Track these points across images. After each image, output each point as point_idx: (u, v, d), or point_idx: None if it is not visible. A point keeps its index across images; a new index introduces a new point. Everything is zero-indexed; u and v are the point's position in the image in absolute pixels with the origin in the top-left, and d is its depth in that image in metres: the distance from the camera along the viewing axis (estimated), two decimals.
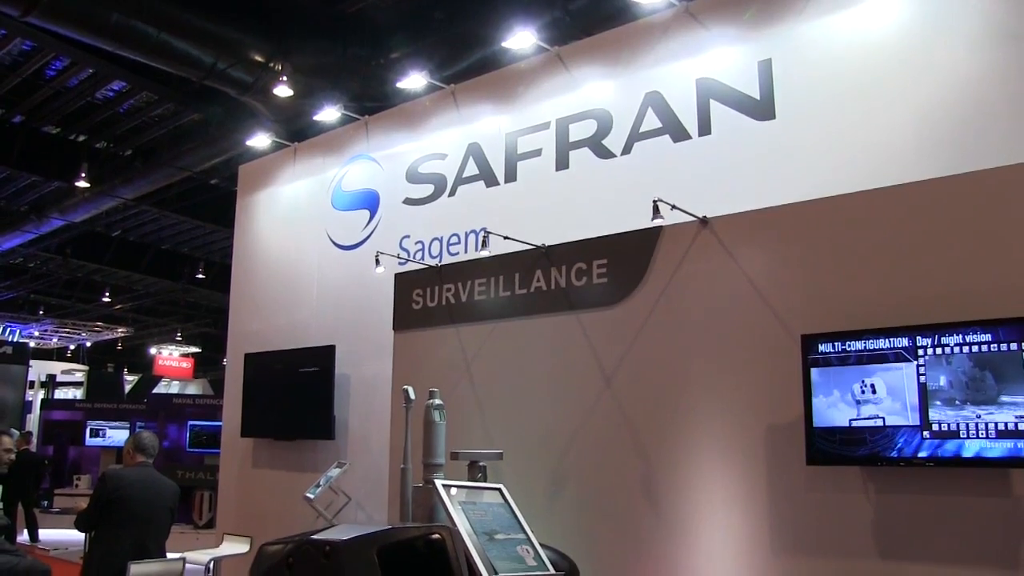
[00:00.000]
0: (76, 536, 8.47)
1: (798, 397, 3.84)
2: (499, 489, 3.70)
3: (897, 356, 3.61)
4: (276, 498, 7.21)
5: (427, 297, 5.65)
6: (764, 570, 4.02)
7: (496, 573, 3.19)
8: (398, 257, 6.27)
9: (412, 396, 4.28)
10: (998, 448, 3.34)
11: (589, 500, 4.69)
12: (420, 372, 5.36)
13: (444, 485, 3.47)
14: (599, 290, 4.83)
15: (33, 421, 20.55)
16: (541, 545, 3.61)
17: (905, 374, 3.58)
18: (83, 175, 11.81)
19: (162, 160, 11.50)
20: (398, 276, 5.91)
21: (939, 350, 3.51)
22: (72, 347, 26.47)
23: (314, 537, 2.44)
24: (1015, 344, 3.36)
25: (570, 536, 4.48)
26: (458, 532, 3.17)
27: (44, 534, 13.64)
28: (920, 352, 3.55)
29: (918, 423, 3.52)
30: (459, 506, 3.42)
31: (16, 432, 16.24)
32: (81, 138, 12.59)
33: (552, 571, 3.42)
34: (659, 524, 4.40)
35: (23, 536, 13.28)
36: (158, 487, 5.98)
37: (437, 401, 4.24)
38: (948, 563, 3.51)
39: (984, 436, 3.37)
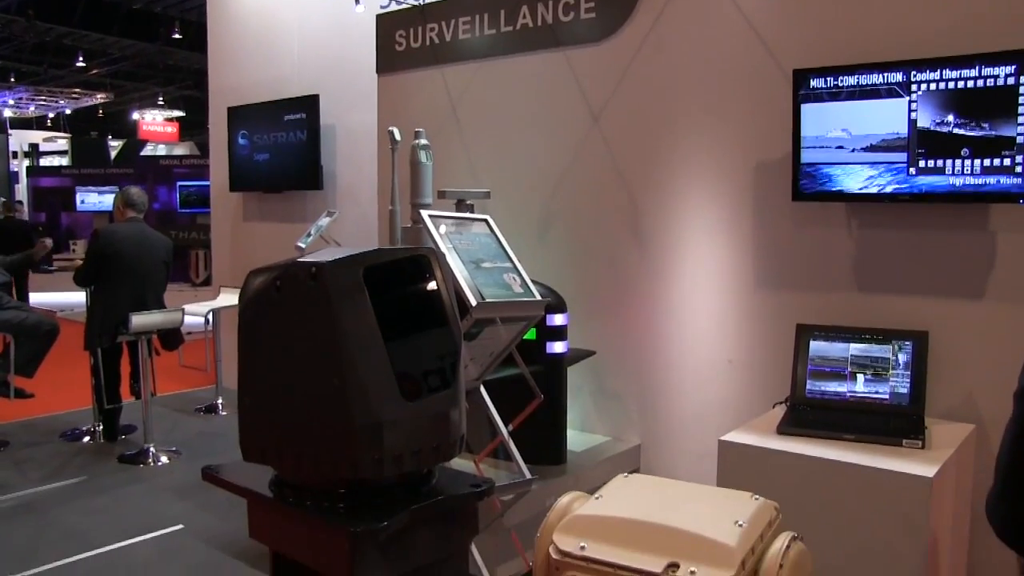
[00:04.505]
0: (78, 298, 8.66)
1: (787, 134, 3.79)
2: (485, 220, 3.72)
3: (890, 91, 3.53)
4: (269, 249, 7.30)
5: (410, 38, 5.45)
6: (747, 303, 4.16)
7: (484, 299, 3.27)
8: None
9: (398, 137, 4.20)
10: (981, 183, 3.34)
11: (576, 237, 4.77)
12: (405, 115, 5.27)
13: (431, 216, 3.49)
14: (587, 25, 4.65)
15: (22, 191, 20.49)
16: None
17: (897, 110, 3.51)
18: None
19: None
20: (379, 17, 5.66)
21: (932, 85, 3.43)
22: (52, 115, 25.91)
23: (300, 259, 2.45)
24: (1011, 79, 3.27)
25: (557, 272, 4.60)
26: (444, 255, 3.22)
27: (45, 297, 13.95)
28: (913, 87, 3.47)
29: (905, 160, 3.50)
30: (447, 237, 3.46)
31: None
32: None
33: (539, 298, 3.51)
34: (644, 259, 4.50)
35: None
36: (150, 241, 6.06)
37: (423, 141, 4.17)
38: (924, 294, 3.60)
39: (969, 172, 3.36)
